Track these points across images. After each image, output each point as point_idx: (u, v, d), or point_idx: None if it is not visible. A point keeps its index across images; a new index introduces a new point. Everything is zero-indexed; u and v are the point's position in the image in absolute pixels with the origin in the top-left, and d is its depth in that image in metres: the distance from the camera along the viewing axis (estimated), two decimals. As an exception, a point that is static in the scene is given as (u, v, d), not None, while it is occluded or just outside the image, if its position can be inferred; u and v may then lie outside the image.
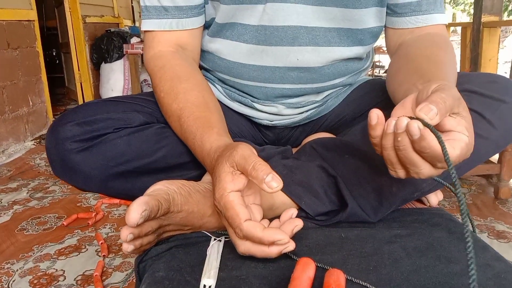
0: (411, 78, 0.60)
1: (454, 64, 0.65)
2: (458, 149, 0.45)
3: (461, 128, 0.46)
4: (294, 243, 0.50)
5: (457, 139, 0.45)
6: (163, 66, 0.71)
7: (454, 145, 0.45)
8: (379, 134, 0.48)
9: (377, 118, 0.47)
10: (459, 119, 0.46)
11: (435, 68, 0.60)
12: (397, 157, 0.47)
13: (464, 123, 0.46)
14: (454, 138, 0.45)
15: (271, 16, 0.72)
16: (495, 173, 1.63)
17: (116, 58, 3.73)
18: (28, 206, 1.70)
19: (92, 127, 0.65)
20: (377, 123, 0.47)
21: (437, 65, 0.61)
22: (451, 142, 0.45)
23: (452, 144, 0.45)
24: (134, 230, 0.50)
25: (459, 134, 0.45)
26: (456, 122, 0.46)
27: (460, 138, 0.45)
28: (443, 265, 0.51)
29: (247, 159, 0.49)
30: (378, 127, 0.48)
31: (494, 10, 2.80)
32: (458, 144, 0.45)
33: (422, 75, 0.58)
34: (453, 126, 0.46)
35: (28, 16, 2.86)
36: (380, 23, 0.78)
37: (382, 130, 0.48)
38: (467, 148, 0.46)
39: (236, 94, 0.83)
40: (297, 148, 0.76)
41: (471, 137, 0.46)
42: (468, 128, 0.46)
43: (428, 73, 0.59)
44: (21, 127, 2.73)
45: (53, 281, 1.16)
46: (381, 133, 0.48)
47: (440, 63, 0.62)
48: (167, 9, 0.74)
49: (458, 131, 0.46)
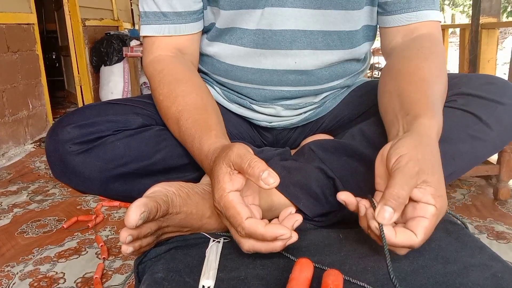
0: (393, 105, 0.62)
1: (439, 75, 0.64)
2: (421, 233, 0.47)
3: (427, 198, 0.48)
4: (297, 234, 0.50)
5: (421, 218, 0.48)
6: (162, 70, 0.72)
7: (417, 231, 0.48)
8: (355, 209, 0.53)
9: (344, 202, 0.53)
10: (424, 188, 0.48)
11: (416, 91, 0.61)
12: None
13: (430, 190, 0.48)
14: (419, 215, 0.48)
15: (269, 21, 0.73)
16: (494, 174, 1.63)
17: (115, 61, 3.74)
18: (28, 209, 1.70)
19: (91, 129, 0.66)
20: (346, 204, 0.53)
21: (418, 85, 0.62)
22: (414, 226, 0.48)
23: (414, 228, 0.48)
24: (133, 232, 0.51)
25: (425, 206, 0.48)
26: (421, 193, 0.48)
27: (424, 213, 0.48)
28: (441, 265, 0.52)
29: (243, 157, 0.50)
30: (350, 207, 0.53)
31: (493, 12, 2.81)
32: (420, 227, 0.48)
33: (402, 104, 0.60)
34: (419, 197, 0.48)
35: (27, 19, 2.86)
36: (371, 23, 0.78)
37: (355, 207, 0.53)
38: (436, 216, 0.48)
39: (234, 96, 0.83)
40: (296, 149, 0.76)
41: (439, 202, 0.48)
42: (435, 193, 0.48)
43: (408, 100, 0.60)
44: (21, 130, 2.73)
45: (53, 283, 1.16)
46: (356, 209, 0.53)
47: (421, 82, 0.62)
48: (166, 15, 0.74)
49: (424, 202, 0.48)
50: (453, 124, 0.63)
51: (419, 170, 0.48)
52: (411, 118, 0.56)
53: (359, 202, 0.52)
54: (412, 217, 0.49)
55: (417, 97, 0.60)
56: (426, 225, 0.47)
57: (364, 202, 0.52)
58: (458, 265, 0.51)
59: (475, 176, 1.81)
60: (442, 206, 0.48)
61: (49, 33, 4.64)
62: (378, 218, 0.47)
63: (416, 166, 0.48)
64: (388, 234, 0.47)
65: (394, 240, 0.47)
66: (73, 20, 3.79)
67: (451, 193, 1.71)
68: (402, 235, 0.47)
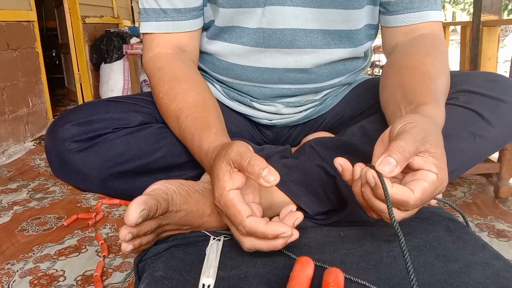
0: (396, 97, 0.61)
1: (442, 70, 0.64)
2: (418, 191, 0.46)
3: (429, 165, 0.47)
4: (298, 232, 0.50)
5: (420, 179, 0.47)
6: (162, 67, 0.72)
7: (414, 187, 0.46)
8: (349, 179, 0.51)
9: (341, 166, 0.51)
10: (426, 157, 0.47)
11: (418, 83, 0.60)
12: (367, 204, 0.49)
13: (432, 160, 0.47)
14: (418, 178, 0.47)
15: (269, 19, 0.72)
16: (495, 172, 1.63)
17: (115, 59, 3.73)
18: (28, 207, 1.70)
19: (91, 127, 0.66)
20: (342, 170, 0.51)
21: (421, 78, 0.61)
22: (412, 184, 0.46)
23: (412, 186, 0.46)
24: (133, 230, 0.51)
25: (427, 172, 0.47)
26: (423, 161, 0.47)
27: (425, 177, 0.46)
28: (442, 263, 0.51)
29: (243, 155, 0.50)
30: (346, 174, 0.51)
31: (494, 9, 2.80)
32: (419, 186, 0.46)
33: (405, 94, 0.59)
34: (420, 164, 0.47)
35: (27, 17, 2.86)
36: (373, 22, 0.78)
37: (350, 175, 0.50)
38: (435, 186, 0.47)
39: (235, 93, 0.83)
40: (296, 147, 0.76)
41: (441, 173, 0.47)
42: (438, 164, 0.47)
43: (411, 91, 0.59)
44: (21, 128, 2.73)
45: (53, 281, 1.16)
46: (350, 178, 0.50)
47: (424, 75, 0.62)
48: (165, 11, 0.74)
49: (426, 169, 0.47)
50: (455, 121, 0.62)
51: (424, 137, 0.47)
52: (414, 106, 0.56)
53: (355, 165, 0.50)
54: (411, 180, 0.47)
55: (420, 88, 0.59)
56: (425, 186, 0.46)
57: (360, 164, 0.50)
58: (460, 263, 0.51)
59: (476, 174, 1.80)
60: (443, 177, 0.47)
61: (49, 31, 4.64)
62: (379, 167, 0.45)
63: (422, 132, 0.47)
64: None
65: (390, 190, 0.45)
66: (73, 17, 3.79)
67: (451, 191, 1.71)
68: (399, 187, 0.46)
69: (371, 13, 0.77)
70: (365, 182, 0.47)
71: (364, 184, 0.47)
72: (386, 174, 0.45)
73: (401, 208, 0.47)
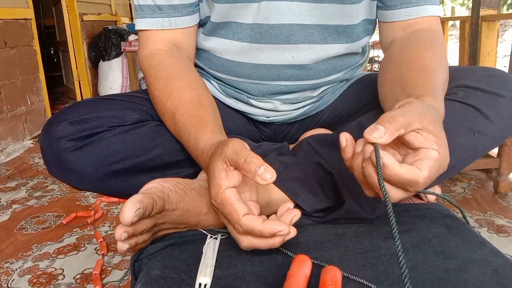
0: (394, 91, 0.60)
1: (440, 65, 0.63)
2: (426, 169, 0.44)
3: (430, 143, 0.45)
4: (295, 229, 0.50)
5: (425, 158, 0.45)
6: (157, 65, 0.71)
7: (421, 166, 0.44)
8: (350, 156, 0.48)
9: (346, 141, 0.48)
10: (426, 135, 0.46)
11: (417, 77, 0.60)
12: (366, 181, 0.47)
13: (432, 137, 0.45)
14: (422, 157, 0.45)
15: (265, 15, 0.72)
16: (495, 167, 1.63)
17: (114, 56, 3.72)
18: (27, 205, 1.69)
19: (86, 125, 0.65)
20: (346, 145, 0.48)
21: (420, 72, 0.61)
22: (418, 163, 0.44)
23: (419, 165, 0.44)
24: (128, 229, 0.50)
25: (428, 150, 0.45)
26: (423, 138, 0.45)
27: (428, 156, 0.45)
28: (441, 260, 0.51)
29: (239, 153, 0.49)
30: (348, 150, 0.48)
31: (493, 4, 2.79)
32: (425, 164, 0.44)
33: (404, 88, 0.58)
34: (421, 142, 0.45)
35: (25, 14, 2.85)
36: (370, 17, 0.77)
37: (352, 152, 0.48)
38: (439, 163, 0.45)
39: (232, 90, 0.82)
40: (294, 144, 0.75)
41: (443, 150, 0.46)
42: (438, 141, 0.45)
43: (410, 84, 0.58)
44: (20, 126, 2.72)
45: (52, 280, 1.16)
46: (351, 156, 0.48)
47: (423, 69, 0.61)
48: (161, 7, 0.73)
49: (426, 147, 0.45)
50: (453, 117, 0.62)
51: (422, 112, 0.46)
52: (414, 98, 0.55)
53: (357, 141, 0.48)
54: (414, 160, 0.45)
55: (418, 82, 0.59)
56: (431, 164, 0.44)
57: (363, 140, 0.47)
58: (459, 260, 0.51)
59: (475, 169, 1.80)
60: (444, 154, 0.46)
61: (47, 28, 4.63)
62: (366, 134, 0.43)
63: (420, 107, 0.46)
64: (390, 163, 0.42)
65: (398, 170, 0.43)
66: (70, 15, 3.77)
67: (451, 186, 1.71)
68: (407, 167, 0.43)
69: (369, 8, 0.76)
70: (367, 157, 0.45)
71: (366, 159, 0.45)
72: (374, 139, 0.43)
73: (410, 189, 0.45)
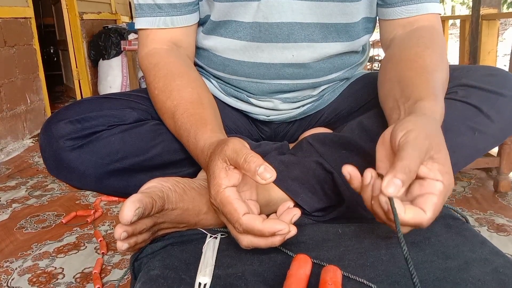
0: (394, 92, 0.60)
1: (440, 63, 0.63)
2: (430, 210, 0.45)
3: (434, 173, 0.46)
4: (295, 228, 0.50)
5: (430, 193, 0.46)
6: (157, 64, 0.71)
7: (426, 206, 0.45)
8: (357, 187, 0.50)
9: (349, 175, 0.50)
10: (430, 165, 0.47)
11: (416, 77, 0.60)
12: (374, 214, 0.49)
13: (437, 166, 0.46)
14: (427, 191, 0.46)
15: (265, 13, 0.72)
16: (495, 166, 1.62)
17: (114, 55, 3.72)
18: (27, 204, 1.69)
19: (85, 124, 0.65)
20: (351, 178, 0.50)
21: (419, 72, 0.61)
22: (422, 202, 0.46)
23: (423, 204, 0.46)
24: (128, 228, 0.50)
25: (433, 183, 0.46)
26: (427, 169, 0.46)
27: (433, 190, 0.46)
28: (441, 260, 0.51)
29: (239, 152, 0.49)
30: (354, 182, 0.50)
31: (493, 3, 2.79)
32: (430, 203, 0.46)
33: (403, 88, 0.59)
34: (425, 173, 0.47)
35: (24, 13, 2.84)
36: (370, 15, 0.77)
37: (359, 184, 0.50)
38: (444, 194, 0.46)
39: (231, 89, 0.82)
40: (294, 143, 0.75)
41: (447, 178, 0.46)
42: (442, 170, 0.46)
43: (409, 84, 0.59)
44: (19, 125, 2.72)
45: (52, 279, 1.16)
46: (359, 186, 0.50)
47: (422, 68, 0.61)
48: (160, 6, 0.73)
49: (431, 178, 0.46)
50: (454, 116, 0.62)
51: (428, 145, 0.46)
52: (413, 102, 0.55)
53: (365, 171, 0.49)
54: (419, 194, 0.47)
55: (417, 82, 0.59)
56: (435, 201, 0.45)
57: (370, 170, 0.49)
58: (459, 260, 0.51)
59: (475, 168, 1.80)
60: (449, 183, 0.47)
61: (46, 27, 4.62)
62: (385, 190, 0.44)
63: (426, 140, 0.46)
64: (398, 212, 0.44)
65: (403, 216, 0.44)
66: (70, 14, 3.77)
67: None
68: (411, 211, 0.45)
69: (369, 6, 0.76)
70: (376, 195, 0.47)
71: (375, 197, 0.47)
72: (392, 195, 0.44)
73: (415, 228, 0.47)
